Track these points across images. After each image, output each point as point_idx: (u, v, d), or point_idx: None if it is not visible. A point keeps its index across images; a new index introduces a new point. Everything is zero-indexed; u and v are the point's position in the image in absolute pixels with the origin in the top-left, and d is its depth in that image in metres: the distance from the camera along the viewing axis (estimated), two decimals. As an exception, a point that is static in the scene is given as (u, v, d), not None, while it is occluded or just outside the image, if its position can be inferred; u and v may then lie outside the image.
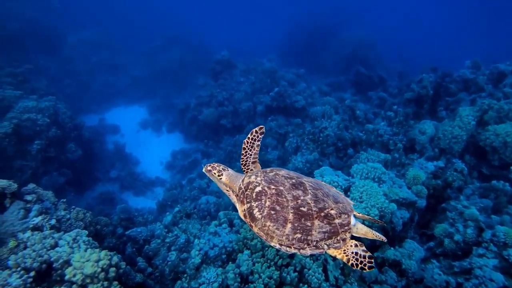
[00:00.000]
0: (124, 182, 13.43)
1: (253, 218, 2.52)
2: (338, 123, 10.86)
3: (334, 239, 2.42)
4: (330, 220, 2.43)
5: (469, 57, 12.85)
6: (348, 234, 2.48)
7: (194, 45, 23.45)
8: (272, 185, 2.55)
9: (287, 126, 13.13)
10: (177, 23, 28.48)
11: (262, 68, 15.17)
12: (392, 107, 11.27)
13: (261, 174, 2.70)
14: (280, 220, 2.41)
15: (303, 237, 2.38)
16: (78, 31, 23.09)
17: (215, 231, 6.79)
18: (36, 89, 13.19)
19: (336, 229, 2.42)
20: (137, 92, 20.14)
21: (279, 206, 2.44)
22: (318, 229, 2.39)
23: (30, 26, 17.79)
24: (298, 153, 10.74)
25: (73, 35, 22.36)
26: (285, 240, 2.40)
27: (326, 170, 8.00)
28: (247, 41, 28.23)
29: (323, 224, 2.40)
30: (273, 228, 2.42)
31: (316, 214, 2.42)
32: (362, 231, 2.60)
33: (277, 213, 2.42)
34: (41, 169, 11.02)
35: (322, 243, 2.40)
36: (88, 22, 25.01)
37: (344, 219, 2.48)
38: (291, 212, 2.41)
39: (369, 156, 9.00)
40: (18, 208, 5.37)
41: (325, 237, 2.41)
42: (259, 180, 2.61)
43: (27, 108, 10.97)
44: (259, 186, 2.57)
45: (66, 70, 19.13)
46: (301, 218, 2.40)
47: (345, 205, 2.60)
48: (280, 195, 2.48)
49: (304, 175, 9.32)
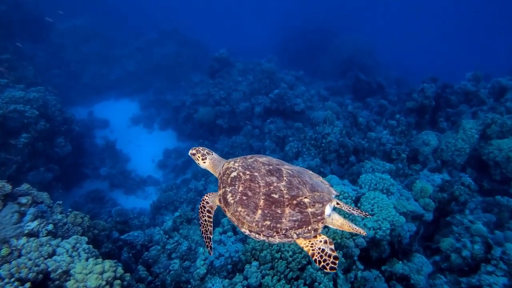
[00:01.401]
0: (114, 180, 12.85)
1: (226, 203, 2.48)
2: (340, 129, 10.72)
3: (304, 228, 2.30)
4: (302, 209, 2.31)
5: (465, 67, 13.02)
6: (321, 225, 2.35)
7: (189, 41, 22.83)
8: (248, 170, 2.48)
9: (285, 129, 12.92)
10: (173, 17, 27.81)
11: (261, 68, 14.87)
12: (395, 116, 11.23)
13: (240, 160, 2.65)
14: (251, 206, 2.34)
15: (272, 224, 2.28)
16: (68, 18, 22.00)
17: (220, 240, 6.48)
18: (22, 78, 12.41)
19: (308, 219, 2.30)
20: (128, 86, 19.44)
21: (251, 192, 2.37)
22: (288, 217, 2.28)
23: (15, 9, 16.77)
24: (299, 158, 10.53)
25: (63, 22, 21.28)
26: (254, 226, 2.32)
27: (333, 179, 7.83)
28: (242, 40, 27.87)
29: (294, 213, 2.29)
30: (244, 214, 2.35)
31: (287, 201, 2.31)
32: (338, 222, 2.46)
33: (248, 198, 2.36)
34: (27, 164, 10.35)
35: (292, 232, 2.29)
36: (79, 8, 23.92)
37: (318, 208, 2.34)
38: (262, 199, 2.33)
39: (374, 166, 8.91)
40: (12, 212, 4.89)
41: (295, 226, 2.29)
42: (237, 165, 2.57)
43: (14, 98, 10.26)
44: (235, 171, 2.52)
45: (55, 59, 18.21)
46: (272, 205, 2.31)
47: (323, 194, 2.45)
48: (253, 180, 2.41)
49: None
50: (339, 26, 28.59)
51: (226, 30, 31.79)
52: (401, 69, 23.82)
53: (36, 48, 17.49)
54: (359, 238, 5.92)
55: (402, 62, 26.04)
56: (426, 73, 19.20)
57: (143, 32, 23.53)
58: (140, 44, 21.83)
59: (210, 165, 2.86)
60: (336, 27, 28.05)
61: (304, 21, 29.05)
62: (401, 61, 26.27)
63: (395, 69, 23.44)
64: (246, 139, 12.78)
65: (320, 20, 28.30)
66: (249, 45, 26.37)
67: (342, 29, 27.98)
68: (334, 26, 28.02)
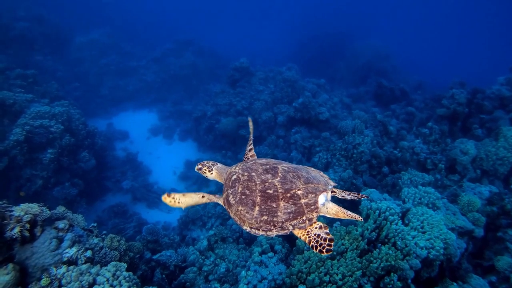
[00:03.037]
0: (137, 193, 12.66)
1: (229, 205, 2.59)
2: (371, 139, 10.30)
3: (299, 219, 2.37)
4: (295, 201, 2.38)
5: (488, 70, 12.43)
6: (315, 214, 2.40)
7: (205, 51, 22.81)
8: (246, 172, 2.59)
9: (310, 138, 12.56)
10: (187, 27, 27.95)
11: (282, 77, 14.60)
12: (426, 124, 10.76)
13: (241, 164, 2.77)
14: (249, 203, 2.44)
15: (269, 218, 2.37)
16: (86, 32, 22.31)
17: (261, 261, 6.12)
18: (46, 93, 12.41)
19: (302, 209, 2.37)
20: (146, 97, 19.42)
21: (249, 191, 2.48)
22: (283, 210, 2.37)
23: (38, 25, 17.03)
24: (330, 170, 10.14)
25: (81, 35, 21.58)
26: (254, 223, 2.41)
27: (373, 193, 7.43)
28: (257, 48, 27.72)
29: (288, 205, 2.37)
30: (244, 212, 2.45)
31: (281, 195, 2.40)
32: (332, 210, 2.51)
33: (246, 197, 2.46)
34: (53, 179, 10.24)
35: (288, 223, 2.36)
36: (96, 22, 24.30)
37: (311, 199, 2.41)
38: (259, 195, 2.43)
39: (412, 177, 8.45)
40: (50, 238, 4.65)
41: (290, 218, 2.36)
42: (237, 169, 2.68)
43: (40, 113, 10.21)
44: (235, 174, 2.64)
45: (74, 72, 18.35)
46: (267, 200, 2.40)
47: (318, 185, 2.50)
48: (250, 180, 2.52)
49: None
50: (353, 31, 28.32)
51: (240, 39, 31.73)
52: (420, 73, 23.26)
53: (56, 62, 17.66)
54: (412, 259, 5.50)
55: (420, 66, 25.47)
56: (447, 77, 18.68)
57: (159, 43, 23.64)
58: (157, 55, 21.89)
59: (217, 174, 2.98)
60: (351, 32, 27.79)
61: (318, 27, 28.87)
62: (419, 65, 25.70)
63: (414, 74, 22.90)
64: (270, 150, 12.46)
65: (334, 26, 28.09)
66: (265, 53, 26.25)
67: (357, 34, 27.71)
68: (348, 32, 27.77)
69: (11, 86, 11.28)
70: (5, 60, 13.34)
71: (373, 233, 6.00)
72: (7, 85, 11.18)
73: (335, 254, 5.82)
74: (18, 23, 15.75)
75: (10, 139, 9.27)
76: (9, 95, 9.99)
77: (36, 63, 15.38)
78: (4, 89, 10.59)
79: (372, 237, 5.97)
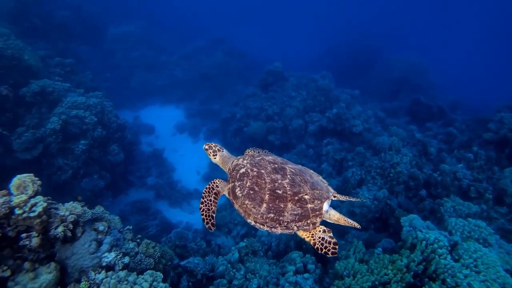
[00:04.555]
0: (161, 191, 12.57)
1: (235, 196, 2.69)
2: (410, 159, 9.80)
3: (304, 222, 2.52)
4: (302, 204, 2.52)
5: None
6: (319, 219, 2.56)
7: (235, 51, 22.67)
8: (255, 168, 2.70)
9: (341, 151, 12.14)
10: (219, 26, 27.89)
11: (316, 84, 14.23)
12: (472, 148, 10.16)
13: (248, 157, 2.86)
14: (257, 200, 2.55)
15: (275, 217, 2.50)
16: (119, 24, 22.59)
17: (296, 282, 5.81)
18: (81, 83, 12.50)
19: (308, 213, 2.52)
20: (174, 93, 19.42)
21: (258, 187, 2.59)
22: (290, 211, 2.50)
23: (77, 15, 17.29)
24: (363, 187, 9.71)
25: (115, 27, 21.85)
26: (259, 218, 2.53)
27: (416, 220, 6.97)
28: (287, 52, 27.39)
29: (296, 207, 2.51)
30: (250, 206, 2.56)
31: (290, 197, 2.53)
32: (334, 217, 2.66)
33: (255, 193, 2.58)
34: (82, 170, 10.25)
35: (293, 224, 2.51)
36: (129, 15, 24.60)
37: (317, 205, 2.56)
38: (268, 194, 2.55)
39: (456, 206, 7.93)
40: (90, 240, 4.49)
41: (295, 219, 2.51)
42: (245, 163, 2.78)
43: (76, 103, 10.24)
44: (244, 168, 2.74)
45: (106, 63, 18.54)
46: (276, 200, 2.52)
47: (322, 192, 2.64)
48: (260, 177, 2.63)
49: (371, 213, 7.88)
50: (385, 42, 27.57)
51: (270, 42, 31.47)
52: (455, 91, 22.33)
53: (91, 52, 17.89)
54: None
55: (456, 83, 24.46)
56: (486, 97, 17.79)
57: (190, 40, 23.68)
58: (187, 52, 21.92)
59: (220, 160, 3.11)
60: (382, 43, 27.06)
61: (349, 35, 28.26)
62: (454, 82, 24.68)
63: (449, 91, 22.01)
64: (299, 159, 12.12)
65: (365, 35, 27.38)
66: (294, 57, 25.86)
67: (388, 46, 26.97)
68: (380, 42, 27.02)
69: (51, 74, 11.40)
70: (45, 47, 13.56)
71: (420, 266, 5.57)
72: (47, 73, 11.31)
73: (377, 284, 5.45)
74: (59, 12, 16.02)
75: (47, 127, 9.32)
76: (49, 83, 10.07)
77: (72, 52, 15.58)
78: (44, 76, 10.70)
79: (419, 270, 5.55)
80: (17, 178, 4.08)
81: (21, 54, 10.44)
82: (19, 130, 9.54)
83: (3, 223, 3.98)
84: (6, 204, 3.89)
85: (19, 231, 4.03)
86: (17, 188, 4.03)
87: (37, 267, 4.09)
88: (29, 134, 9.39)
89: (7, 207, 3.88)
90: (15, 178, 4.08)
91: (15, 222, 3.98)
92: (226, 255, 7.73)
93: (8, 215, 3.95)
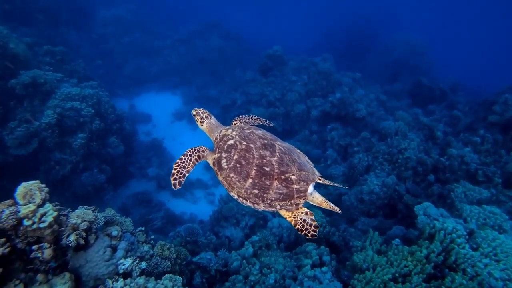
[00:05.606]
0: (162, 182, 12.31)
1: (220, 167, 2.65)
2: (418, 144, 9.67)
3: (288, 201, 2.51)
4: (288, 184, 2.51)
5: None
6: (303, 201, 2.56)
7: (232, 35, 21.85)
8: (244, 141, 2.64)
9: (346, 136, 11.96)
10: (213, 8, 26.82)
11: (317, 68, 13.82)
12: (478, 131, 10.07)
13: (238, 129, 2.77)
14: (243, 174, 2.52)
15: (260, 193, 2.49)
16: (109, 7, 21.48)
17: (314, 275, 5.71)
18: (74, 71, 11.90)
19: (292, 194, 2.51)
20: (170, 79, 18.78)
21: (245, 161, 2.54)
22: (275, 190, 2.49)
23: (62, -2, 16.30)
24: (371, 173, 9.59)
25: (104, 10, 20.78)
26: (243, 192, 2.52)
27: (429, 208, 6.88)
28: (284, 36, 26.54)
29: (281, 186, 2.50)
30: (235, 180, 2.54)
31: (277, 175, 2.50)
32: (317, 200, 2.67)
33: (241, 167, 2.53)
34: (81, 165, 9.88)
35: (276, 203, 2.50)
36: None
37: (302, 186, 2.55)
38: (254, 169, 2.51)
39: (467, 192, 7.87)
40: (104, 247, 4.25)
41: (279, 198, 2.50)
42: (234, 134, 2.71)
43: (70, 95, 9.73)
44: (232, 139, 2.67)
45: (98, 49, 17.73)
46: (262, 176, 2.49)
47: (308, 174, 2.64)
48: (249, 151, 2.58)
49: (380, 200, 7.70)
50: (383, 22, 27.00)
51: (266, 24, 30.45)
52: (455, 72, 22.10)
53: (81, 38, 17.04)
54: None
55: (455, 64, 24.20)
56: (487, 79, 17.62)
57: (184, 24, 22.75)
58: (182, 36, 21.07)
59: (207, 128, 3.04)
60: (380, 23, 26.51)
61: (346, 15, 27.55)
62: (454, 63, 24.42)
63: (449, 72, 21.77)
64: (302, 145, 11.90)
65: (364, 15, 26.72)
66: (291, 39, 25.11)
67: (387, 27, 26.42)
68: (378, 22, 26.46)
69: (40, 64, 10.78)
70: (30, 34, 12.78)
71: (439, 256, 5.50)
72: (36, 62, 10.68)
73: (397, 276, 5.38)
74: (43, -6, 15.06)
75: (42, 121, 8.87)
76: (40, 73, 9.50)
77: (60, 38, 14.79)
78: (33, 66, 10.10)
79: (439, 260, 5.48)
80: (23, 186, 3.77)
81: (5, 42, 9.76)
82: (11, 125, 9.07)
83: (11, 235, 3.71)
84: (13, 215, 3.60)
85: (28, 242, 3.77)
86: (23, 197, 3.72)
87: (51, 279, 3.85)
88: (23, 129, 8.93)
89: (15, 218, 3.59)
90: (20, 186, 3.76)
91: (23, 233, 3.72)
92: (237, 248, 7.63)
93: (16, 227, 3.67)
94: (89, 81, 11.27)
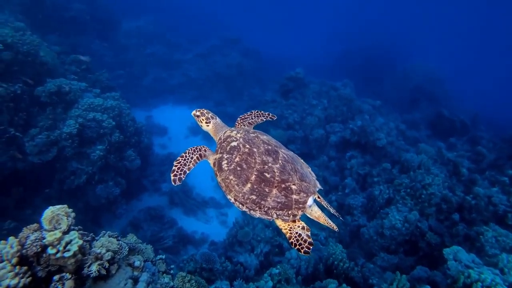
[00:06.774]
0: (175, 198, 12.11)
1: (220, 168, 2.59)
2: (443, 180, 9.33)
3: (285, 211, 2.44)
4: (288, 194, 2.44)
5: None
6: (301, 212, 2.48)
7: (251, 52, 22.05)
8: (248, 144, 2.58)
9: (364, 165, 11.67)
10: (234, 25, 27.23)
11: (338, 93, 13.72)
12: (506, 171, 9.70)
13: (243, 131, 2.73)
14: (243, 178, 2.46)
15: (257, 200, 2.42)
16: (132, 18, 21.98)
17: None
18: (97, 81, 11.98)
19: (291, 204, 2.44)
20: (188, 93, 18.85)
21: (246, 165, 2.48)
22: (273, 198, 2.42)
23: (90, 8, 16.69)
24: (392, 207, 9.24)
25: (128, 22, 21.24)
26: (240, 197, 2.46)
27: (460, 252, 6.51)
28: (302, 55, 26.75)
29: (280, 195, 2.43)
30: (234, 183, 2.47)
31: (277, 183, 2.44)
32: (316, 214, 2.58)
33: (242, 170, 2.47)
34: (97, 176, 9.77)
35: (273, 211, 2.43)
36: (142, 9, 23.96)
37: (302, 197, 2.47)
38: (255, 174, 2.45)
39: (498, 237, 7.46)
40: (125, 278, 4.02)
41: (277, 207, 2.43)
42: (238, 136, 2.67)
43: (93, 105, 9.74)
44: (236, 141, 2.63)
45: (120, 59, 17.98)
46: (262, 183, 2.43)
47: (309, 186, 2.55)
48: (251, 155, 2.52)
49: (401, 236, 7.26)
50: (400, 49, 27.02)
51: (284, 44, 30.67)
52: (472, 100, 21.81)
53: (104, 47, 17.33)
54: None
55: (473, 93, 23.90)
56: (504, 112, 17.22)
57: (204, 38, 23.06)
58: (202, 51, 21.32)
59: (213, 129, 3.00)
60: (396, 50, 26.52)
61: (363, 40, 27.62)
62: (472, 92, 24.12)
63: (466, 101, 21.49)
64: (320, 171, 11.63)
65: (384, 40, 26.79)
66: (308, 60, 25.20)
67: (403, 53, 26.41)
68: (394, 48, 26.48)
69: (66, 72, 10.89)
70: (59, 42, 13.01)
71: (475, 311, 5.12)
72: (63, 70, 10.79)
73: None
74: (73, 4, 15.43)
75: (63, 130, 8.83)
76: (65, 82, 9.56)
77: (85, 47, 15.03)
78: (59, 74, 10.19)
79: (475, 316, 5.10)
80: (50, 210, 3.60)
81: (36, 50, 9.91)
82: (32, 132, 9.07)
83: (33, 262, 3.52)
84: (38, 241, 3.41)
85: (50, 271, 3.58)
86: (49, 221, 3.55)
87: (68, 310, 3.63)
88: (43, 137, 8.92)
89: (39, 245, 3.41)
90: (48, 210, 3.59)
91: (45, 261, 3.52)
92: (252, 277, 7.31)
93: (39, 254, 3.49)
94: (111, 92, 11.32)
